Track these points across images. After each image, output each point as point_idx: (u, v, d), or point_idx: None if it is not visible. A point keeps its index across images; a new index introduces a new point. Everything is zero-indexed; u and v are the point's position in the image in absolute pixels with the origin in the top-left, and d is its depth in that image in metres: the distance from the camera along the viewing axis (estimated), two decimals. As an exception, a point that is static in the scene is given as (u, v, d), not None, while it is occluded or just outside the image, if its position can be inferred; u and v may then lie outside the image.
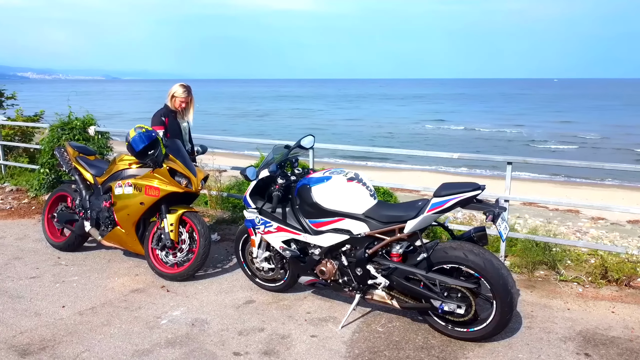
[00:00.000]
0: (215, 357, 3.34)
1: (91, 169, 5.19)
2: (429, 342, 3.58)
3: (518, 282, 4.70)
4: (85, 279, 4.68)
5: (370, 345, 3.52)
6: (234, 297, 4.31)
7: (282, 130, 35.42)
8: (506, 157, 5.02)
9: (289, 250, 3.84)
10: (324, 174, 3.81)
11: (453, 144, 29.38)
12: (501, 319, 3.37)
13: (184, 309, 4.07)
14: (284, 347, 3.48)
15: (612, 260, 4.78)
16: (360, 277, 3.69)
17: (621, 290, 4.56)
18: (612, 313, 4.10)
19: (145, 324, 3.80)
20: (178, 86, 5.14)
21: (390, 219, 3.53)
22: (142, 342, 3.53)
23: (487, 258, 3.31)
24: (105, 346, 3.46)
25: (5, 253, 5.35)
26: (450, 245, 3.43)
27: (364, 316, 3.97)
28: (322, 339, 3.60)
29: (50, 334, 3.62)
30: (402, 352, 3.43)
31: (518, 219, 11.66)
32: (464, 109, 59.20)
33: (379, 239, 3.58)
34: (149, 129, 4.60)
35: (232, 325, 3.79)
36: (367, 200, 3.66)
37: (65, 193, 5.46)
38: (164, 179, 4.55)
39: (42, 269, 4.91)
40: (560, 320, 3.96)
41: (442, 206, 3.28)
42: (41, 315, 3.92)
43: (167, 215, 4.62)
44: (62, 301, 4.18)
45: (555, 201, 5.43)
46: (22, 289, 4.42)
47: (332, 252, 3.76)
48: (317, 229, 3.76)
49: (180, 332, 3.68)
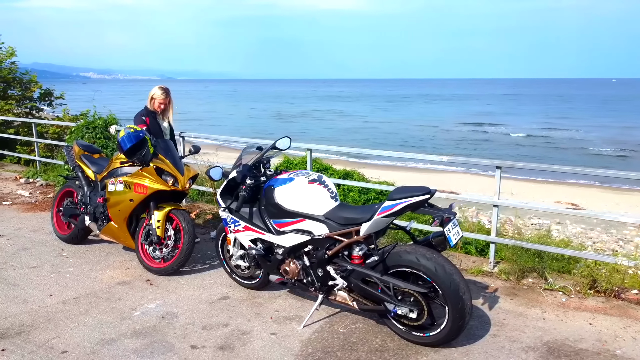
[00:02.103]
0: (172, 349, 3.49)
1: (93, 167, 5.48)
2: (386, 345, 3.59)
3: (501, 290, 4.62)
4: (79, 270, 4.95)
5: (325, 345, 3.57)
6: (210, 292, 4.46)
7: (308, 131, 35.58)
8: (494, 162, 4.93)
9: (254, 249, 3.94)
10: (289, 176, 3.89)
11: (496, 148, 28.58)
12: (453, 325, 3.34)
13: (160, 302, 4.25)
14: (240, 343, 3.58)
15: (602, 270, 4.60)
16: (322, 278, 3.74)
17: (608, 301, 4.38)
18: (590, 325, 3.96)
19: (119, 314, 4.00)
20: (157, 88, 5.39)
21: (348, 221, 3.57)
22: (110, 331, 3.72)
23: (439, 263, 3.30)
24: (75, 334, 3.67)
25: (16, 243, 5.73)
26: (405, 249, 3.43)
27: (330, 317, 4.01)
28: (281, 337, 3.68)
29: (30, 320, 3.88)
30: (355, 354, 3.46)
31: (558, 224, 11.28)
32: (515, 111, 57.51)
33: (338, 241, 3.62)
34: (138, 129, 4.82)
35: (199, 320, 3.94)
36: (328, 202, 3.71)
37: (72, 189, 5.79)
38: (151, 177, 4.76)
39: (44, 259, 5.23)
40: (530, 329, 3.86)
41: (391, 209, 3.29)
42: (28, 303, 4.20)
43: (155, 212, 4.82)
44: (51, 290, 4.46)
45: (544, 207, 5.26)
46: (20, 278, 4.73)
47: (295, 252, 3.83)
48: (280, 229, 3.84)
49: (149, 324, 3.86)
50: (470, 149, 28.24)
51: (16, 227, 6.37)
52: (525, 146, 29.71)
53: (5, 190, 8.54)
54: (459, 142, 31.51)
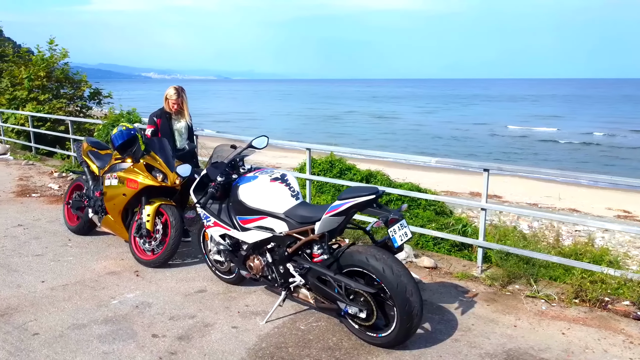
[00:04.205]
0: (134, 337, 3.66)
1: (98, 162, 5.78)
2: (341, 344, 3.61)
3: (482, 295, 4.52)
4: (77, 259, 5.25)
5: (280, 340, 3.63)
6: (190, 285, 4.62)
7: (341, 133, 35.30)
8: (482, 164, 4.83)
9: (222, 245, 4.06)
10: (254, 174, 3.97)
11: (558, 155, 27.42)
12: (401, 326, 3.31)
13: (139, 292, 4.45)
14: (199, 335, 3.70)
15: (587, 279, 4.41)
16: (283, 275, 3.80)
17: (591, 312, 4.20)
18: (562, 335, 3.82)
19: (98, 302, 4.23)
20: (170, 89, 5.55)
21: (304, 219, 3.61)
22: (84, 317, 3.94)
23: (387, 264, 3.28)
24: (51, 318, 3.92)
25: (30, 233, 6.14)
26: (357, 249, 3.44)
27: (296, 314, 4.07)
28: (241, 331, 3.77)
29: (16, 303, 4.17)
30: (306, 351, 3.50)
31: (605, 232, 10.71)
32: (578, 112, 55.00)
33: (298, 239, 3.67)
34: (130, 127, 5.05)
35: (169, 311, 4.10)
36: (288, 200, 3.77)
37: (81, 183, 6.13)
38: (142, 173, 4.98)
39: (50, 248, 5.58)
40: (497, 336, 3.77)
41: (338, 209, 3.32)
42: (20, 287, 4.50)
43: (146, 207, 5.04)
44: (45, 277, 4.76)
45: (529, 213, 5.08)
46: (22, 264, 5.07)
47: (259, 249, 3.92)
48: (245, 226, 3.93)
49: (122, 312, 4.05)
50: (512, 153, 27.34)
51: (36, 218, 6.80)
52: (579, 150, 28.46)
53: (38, 183, 9.12)
54: (502, 146, 30.57)
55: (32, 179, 9.52)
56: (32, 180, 9.41)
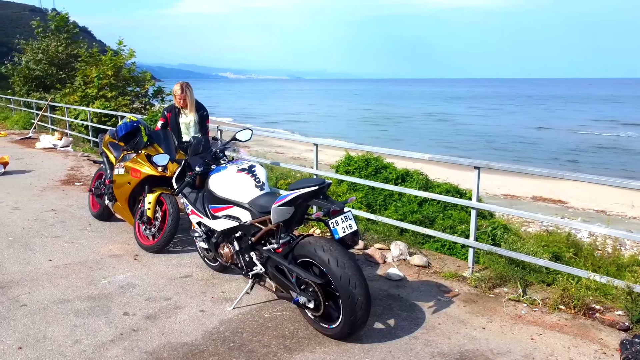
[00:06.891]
0: (107, 313, 3.92)
1: (115, 152, 6.18)
2: (296, 333, 3.67)
3: (463, 296, 4.40)
4: (89, 242, 5.65)
5: (239, 326, 3.75)
6: (178, 270, 4.84)
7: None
8: (472, 161, 4.68)
9: (197, 232, 4.23)
10: (224, 164, 4.11)
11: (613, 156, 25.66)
12: (346, 319, 3.32)
13: (129, 274, 4.73)
14: (166, 316, 3.90)
15: (574, 285, 4.16)
16: (248, 263, 3.92)
17: (573, 319, 3.97)
18: (531, 340, 3.65)
19: (90, 281, 4.55)
20: (177, 85, 5.85)
21: (264, 209, 3.70)
22: (71, 293, 4.27)
23: (333, 256, 3.30)
24: (42, 292, 4.28)
25: (59, 217, 6.67)
26: (309, 240, 3.49)
27: (266, 302, 4.16)
28: (206, 315, 3.93)
29: (19, 278, 4.58)
30: (259, 337, 3.59)
31: None
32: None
33: (260, 228, 3.77)
34: (134, 120, 5.37)
35: (149, 292, 4.33)
36: (253, 191, 3.87)
37: (103, 172, 6.58)
38: (145, 163, 5.28)
39: (70, 231, 6.04)
40: (459, 336, 3.67)
41: (284, 199, 3.38)
42: (29, 264, 4.93)
43: (148, 195, 5.34)
44: (53, 256, 5.17)
45: (517, 213, 4.83)
46: (39, 244, 5.54)
47: (228, 237, 4.06)
48: (215, 214, 4.08)
49: (106, 291, 4.34)
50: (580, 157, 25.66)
51: (69, 204, 7.37)
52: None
53: (85, 173, 9.83)
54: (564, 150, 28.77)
55: (81, 170, 10.28)
56: (81, 171, 10.15)
